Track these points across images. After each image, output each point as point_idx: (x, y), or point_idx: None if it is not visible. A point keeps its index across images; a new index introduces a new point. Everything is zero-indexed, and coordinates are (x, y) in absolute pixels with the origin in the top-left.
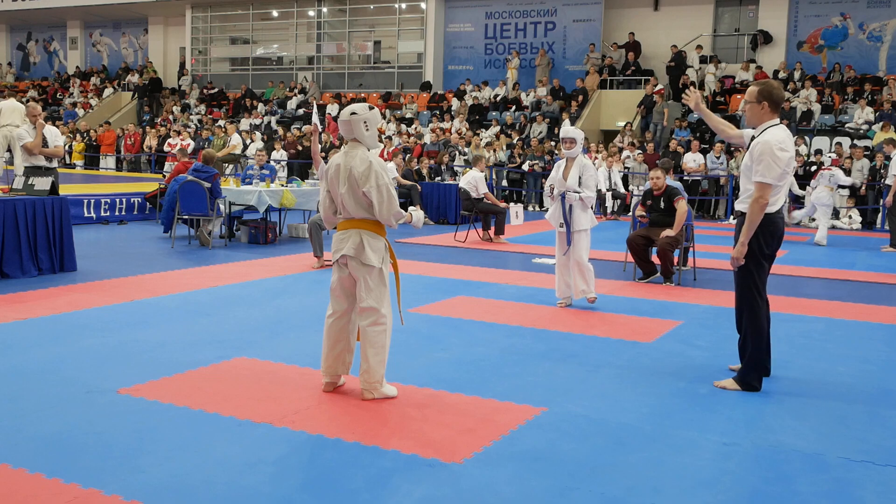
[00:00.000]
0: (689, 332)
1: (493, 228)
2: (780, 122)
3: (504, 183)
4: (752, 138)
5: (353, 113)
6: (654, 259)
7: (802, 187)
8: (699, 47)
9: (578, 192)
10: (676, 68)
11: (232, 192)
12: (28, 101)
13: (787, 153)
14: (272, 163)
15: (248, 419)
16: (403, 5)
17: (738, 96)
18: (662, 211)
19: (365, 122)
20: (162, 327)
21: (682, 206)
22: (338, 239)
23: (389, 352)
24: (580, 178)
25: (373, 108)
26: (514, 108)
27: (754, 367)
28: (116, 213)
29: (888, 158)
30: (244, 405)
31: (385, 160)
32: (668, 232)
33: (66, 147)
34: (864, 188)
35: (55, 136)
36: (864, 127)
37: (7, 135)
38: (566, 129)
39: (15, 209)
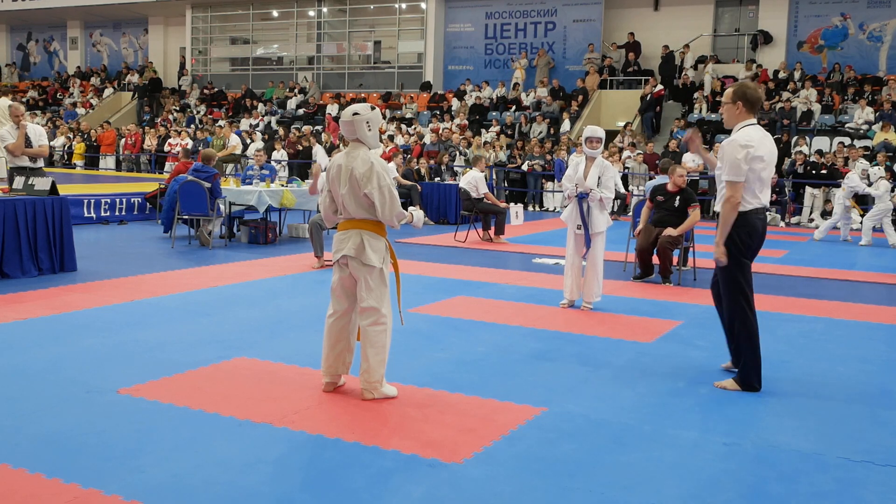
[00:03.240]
0: (688, 332)
1: (493, 228)
2: (757, 122)
3: (504, 183)
4: None
5: (356, 113)
6: (654, 259)
7: (799, 187)
8: (686, 47)
9: (600, 193)
10: (669, 68)
11: (232, 192)
12: (14, 99)
13: (750, 149)
14: (272, 163)
15: (248, 419)
16: (403, 5)
17: None
18: (675, 210)
19: (367, 123)
20: (162, 327)
21: (696, 214)
22: (338, 239)
23: (389, 352)
24: (599, 178)
25: (374, 108)
26: (514, 108)
27: (753, 366)
28: (116, 213)
29: (892, 159)
30: (244, 405)
31: (384, 160)
32: (670, 231)
33: (66, 147)
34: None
35: (39, 136)
36: (864, 127)
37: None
38: (593, 129)
39: (15, 209)
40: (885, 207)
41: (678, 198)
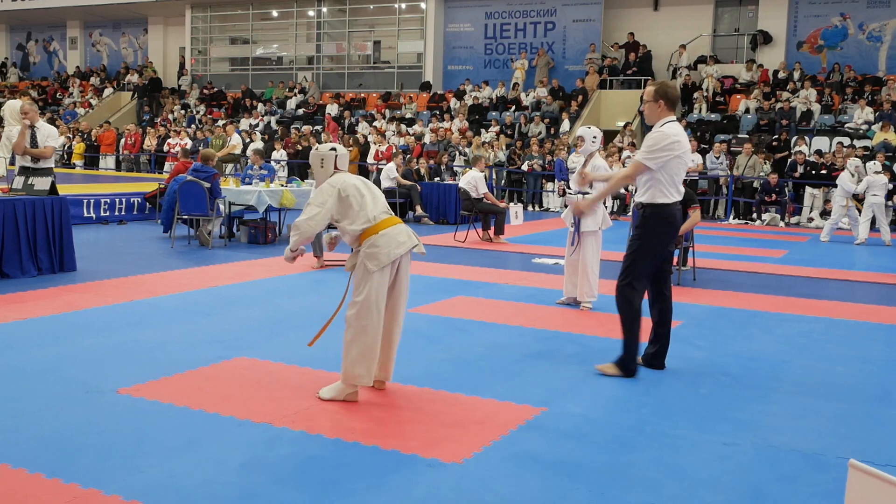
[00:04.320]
0: (689, 332)
1: (492, 228)
2: (676, 120)
3: (503, 183)
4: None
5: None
6: None
7: (799, 187)
8: (682, 47)
9: (583, 193)
10: (646, 68)
11: (232, 192)
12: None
13: (675, 142)
14: (272, 163)
15: (248, 419)
16: (403, 5)
17: (738, 96)
18: None
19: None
20: (162, 327)
21: (697, 214)
22: (396, 232)
23: None
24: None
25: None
26: (513, 108)
27: (633, 349)
28: (116, 213)
29: (891, 159)
30: (244, 405)
31: (385, 159)
32: None
33: (66, 147)
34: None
35: (47, 136)
36: (864, 127)
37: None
38: (582, 129)
39: (15, 209)
40: (877, 202)
41: None
